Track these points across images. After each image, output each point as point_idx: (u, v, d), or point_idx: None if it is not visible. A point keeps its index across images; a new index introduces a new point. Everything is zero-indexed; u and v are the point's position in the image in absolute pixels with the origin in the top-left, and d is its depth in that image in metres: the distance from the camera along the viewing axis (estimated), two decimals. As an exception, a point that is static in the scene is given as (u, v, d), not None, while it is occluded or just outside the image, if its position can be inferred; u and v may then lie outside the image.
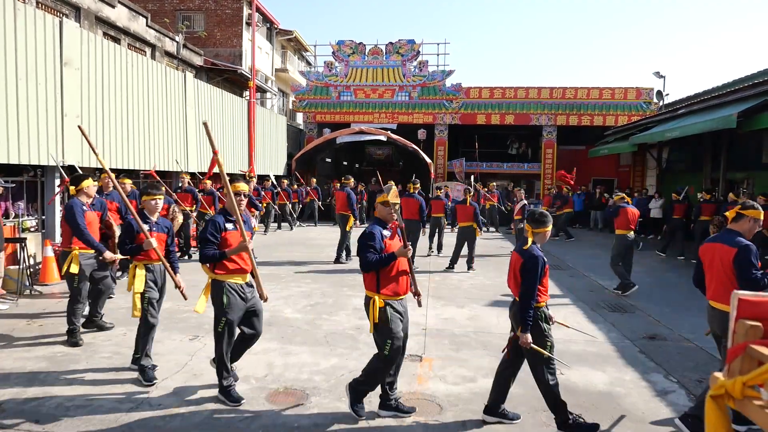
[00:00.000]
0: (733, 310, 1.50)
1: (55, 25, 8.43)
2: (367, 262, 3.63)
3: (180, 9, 22.46)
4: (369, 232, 3.74)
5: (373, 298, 3.68)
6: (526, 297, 3.54)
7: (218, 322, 3.93)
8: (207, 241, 3.89)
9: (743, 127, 10.24)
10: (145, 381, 4.21)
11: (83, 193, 5.29)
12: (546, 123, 21.07)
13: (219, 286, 3.93)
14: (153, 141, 11.24)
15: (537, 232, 3.73)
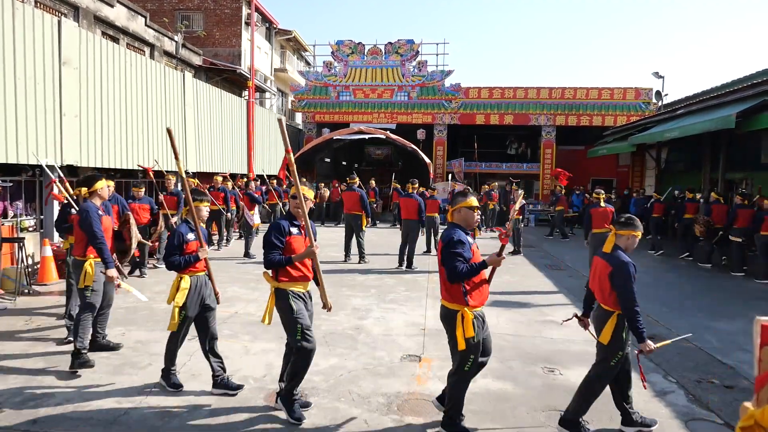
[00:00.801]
0: (756, 337, 1.48)
1: (54, 24, 8.41)
2: (459, 272, 3.28)
3: (179, 8, 22.43)
4: (457, 239, 3.38)
5: (462, 311, 3.36)
6: (629, 307, 3.47)
7: (294, 331, 3.67)
8: (272, 245, 3.67)
9: (742, 127, 10.24)
10: (172, 387, 4.13)
11: (97, 196, 4.78)
12: (545, 123, 21.08)
13: (284, 294, 3.72)
14: (152, 141, 11.23)
15: (621, 234, 3.61)
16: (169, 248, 4.04)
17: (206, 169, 13.65)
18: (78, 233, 4.71)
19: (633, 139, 15.73)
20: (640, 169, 21.02)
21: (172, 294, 4.06)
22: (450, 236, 3.41)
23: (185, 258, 4.03)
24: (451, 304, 3.44)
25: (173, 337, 4.17)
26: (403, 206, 10.01)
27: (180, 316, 4.04)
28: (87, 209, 4.63)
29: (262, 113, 18.94)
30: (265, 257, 3.68)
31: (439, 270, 3.48)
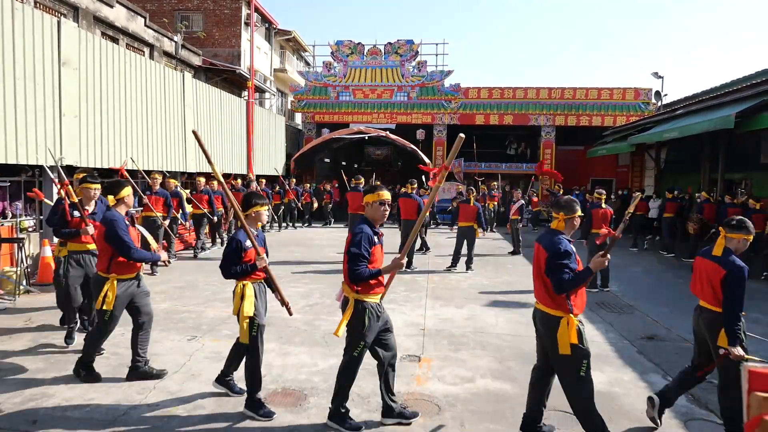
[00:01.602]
0: (744, 383, 1.49)
1: (53, 24, 8.41)
2: (567, 282, 3.17)
3: (178, 9, 22.44)
4: (564, 251, 3.25)
5: (568, 319, 3.27)
6: (734, 310, 3.38)
7: (355, 346, 3.55)
8: (362, 257, 3.41)
9: (741, 127, 10.26)
10: (264, 417, 3.72)
11: (123, 204, 4.38)
12: (544, 123, 21.09)
13: (361, 307, 3.50)
14: (151, 141, 11.22)
15: (731, 237, 3.53)
16: (227, 256, 3.78)
17: (206, 170, 13.64)
18: (102, 245, 4.25)
19: (632, 140, 15.74)
20: (639, 170, 21.03)
21: (236, 304, 3.80)
22: (560, 246, 3.26)
23: (242, 267, 3.79)
24: (556, 311, 3.34)
25: (254, 352, 3.82)
26: (403, 206, 10.03)
27: (254, 326, 3.80)
28: (114, 219, 4.18)
29: (262, 114, 18.93)
30: (355, 271, 3.38)
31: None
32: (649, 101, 20.64)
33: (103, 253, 4.24)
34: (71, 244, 5.16)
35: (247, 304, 3.76)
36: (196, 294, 7.28)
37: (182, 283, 8.05)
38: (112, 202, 4.37)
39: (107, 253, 4.20)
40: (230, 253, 3.78)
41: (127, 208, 4.42)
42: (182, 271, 9.05)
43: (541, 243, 3.39)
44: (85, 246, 5.15)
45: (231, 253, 3.77)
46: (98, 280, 4.25)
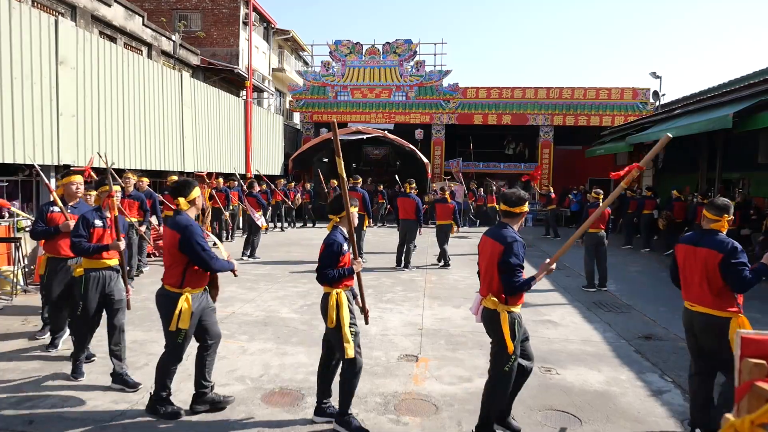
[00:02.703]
0: (737, 349, 1.51)
1: (51, 23, 8.40)
2: None
3: (177, 8, 22.41)
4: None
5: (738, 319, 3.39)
6: None
7: (507, 359, 3.42)
8: (521, 268, 3.38)
9: (739, 127, 10.26)
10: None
11: (194, 207, 3.81)
12: (543, 123, 21.11)
13: (511, 318, 3.43)
14: (149, 141, 11.21)
15: None
16: (327, 258, 3.55)
17: (204, 169, 13.63)
18: (173, 257, 3.63)
19: (630, 139, 15.75)
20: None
21: (332, 316, 3.50)
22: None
23: (339, 271, 3.55)
24: (720, 312, 3.36)
25: (351, 366, 3.53)
26: (401, 206, 10.03)
27: (354, 335, 3.53)
28: (189, 224, 3.58)
29: (260, 113, 18.92)
30: (515, 282, 3.34)
31: None
32: (647, 101, 20.67)
33: (176, 265, 3.62)
34: (88, 260, 4.22)
35: (345, 313, 3.51)
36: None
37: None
38: (184, 206, 3.70)
39: (180, 264, 3.61)
40: (331, 255, 3.54)
41: (197, 211, 3.85)
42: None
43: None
44: (105, 262, 4.27)
45: (332, 255, 3.54)
46: (168, 297, 3.62)
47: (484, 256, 3.56)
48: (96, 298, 4.22)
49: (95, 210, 4.34)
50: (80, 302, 4.18)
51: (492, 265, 3.42)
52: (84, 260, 4.22)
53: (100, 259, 4.22)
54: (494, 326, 3.41)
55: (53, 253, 4.90)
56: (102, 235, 4.25)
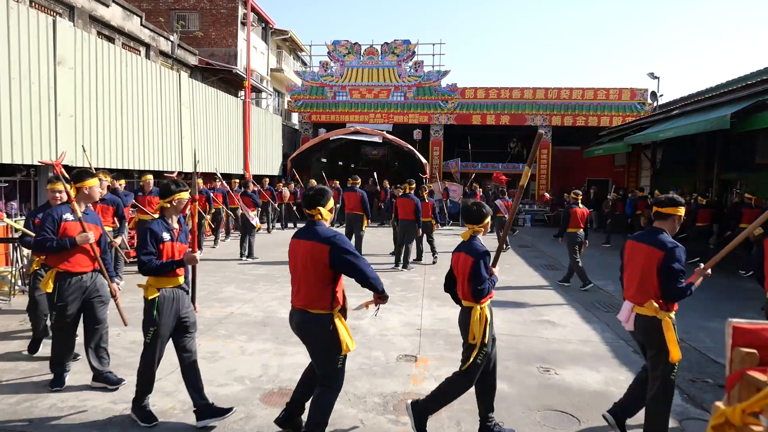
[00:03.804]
0: (728, 338, 1.51)
1: (49, 24, 8.39)
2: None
3: (175, 8, 22.39)
4: None
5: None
6: None
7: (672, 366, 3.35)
8: (683, 274, 3.30)
9: (737, 127, 10.30)
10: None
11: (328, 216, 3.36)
12: (541, 123, 21.14)
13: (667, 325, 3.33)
14: (147, 141, 11.20)
15: None
16: (479, 275, 3.43)
17: (203, 170, 13.62)
18: (319, 275, 3.13)
19: (628, 140, 15.79)
20: (635, 170, 21.11)
21: (475, 331, 3.38)
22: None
23: (489, 284, 3.46)
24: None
25: (468, 379, 3.43)
26: (400, 206, 10.03)
27: (483, 353, 3.42)
28: (337, 235, 3.18)
29: (259, 113, 18.91)
30: (682, 288, 3.26)
31: None
32: (645, 101, 20.72)
33: (322, 283, 3.14)
34: (158, 279, 3.59)
35: (489, 329, 3.44)
36: (193, 294, 7.26)
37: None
38: (327, 215, 3.30)
39: (329, 281, 3.16)
40: (484, 269, 3.42)
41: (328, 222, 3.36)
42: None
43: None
44: (178, 280, 3.70)
45: (485, 269, 3.43)
46: (322, 320, 3.15)
47: (635, 261, 3.49)
48: (171, 323, 3.62)
49: (161, 220, 3.68)
50: (151, 328, 3.56)
51: (649, 271, 3.35)
52: (152, 279, 3.59)
53: (174, 276, 3.64)
54: (654, 334, 3.31)
55: (65, 266, 4.06)
56: (171, 249, 3.65)
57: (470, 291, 3.44)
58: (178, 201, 3.67)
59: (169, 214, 3.69)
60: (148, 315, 3.56)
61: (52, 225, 3.95)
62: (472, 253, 3.43)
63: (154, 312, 3.53)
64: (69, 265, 4.05)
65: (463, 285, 3.50)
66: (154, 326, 3.55)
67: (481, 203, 3.63)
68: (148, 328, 3.57)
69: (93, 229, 4.13)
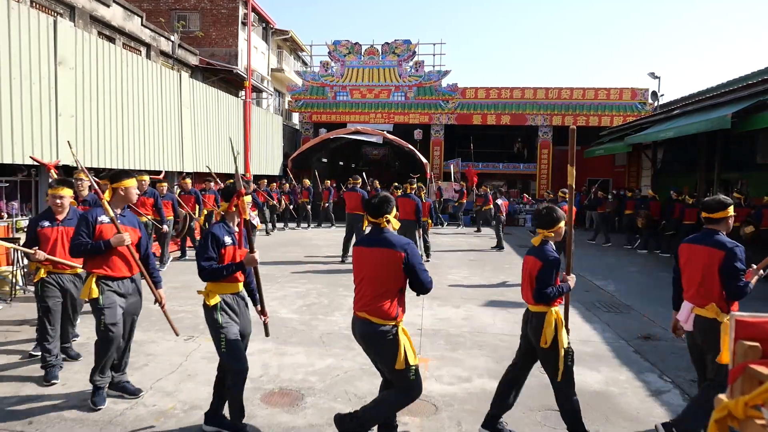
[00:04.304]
0: (731, 332, 1.52)
1: (50, 24, 8.39)
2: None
3: (175, 8, 22.41)
4: None
5: None
6: None
7: None
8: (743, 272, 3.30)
9: (737, 127, 10.29)
10: None
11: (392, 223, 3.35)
12: (541, 123, 21.15)
13: None
14: (148, 141, 11.20)
15: None
16: (546, 278, 3.41)
17: (203, 170, 13.63)
18: (392, 279, 3.09)
19: (629, 140, 15.78)
20: (636, 170, 21.10)
21: (547, 335, 3.36)
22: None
23: (558, 288, 3.43)
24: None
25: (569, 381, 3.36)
26: (401, 206, 10.04)
27: (570, 356, 3.36)
28: (411, 243, 3.21)
29: (259, 113, 18.92)
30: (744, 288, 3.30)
31: None
32: (645, 101, 20.71)
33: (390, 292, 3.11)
34: (217, 285, 3.45)
35: (565, 333, 3.40)
36: (193, 294, 7.25)
37: (178, 283, 8.04)
38: (395, 224, 3.32)
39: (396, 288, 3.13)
40: (552, 272, 3.39)
41: None
42: (178, 271, 9.04)
43: None
44: (238, 287, 3.57)
45: (553, 272, 3.40)
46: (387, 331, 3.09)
47: (694, 263, 3.50)
48: (236, 330, 3.43)
49: (222, 224, 3.55)
50: (222, 335, 3.35)
51: (710, 272, 3.37)
52: (212, 285, 3.45)
53: (234, 282, 3.50)
54: (713, 335, 3.30)
55: (104, 271, 3.81)
56: (234, 253, 3.49)
57: (533, 292, 3.41)
58: (242, 204, 3.47)
59: (231, 217, 3.57)
60: (213, 323, 3.38)
61: (86, 228, 3.78)
62: (542, 257, 3.41)
63: (218, 316, 3.37)
64: (108, 270, 3.81)
65: (527, 287, 3.49)
66: (222, 332, 3.34)
67: (553, 207, 3.60)
68: (219, 336, 3.35)
69: (130, 232, 3.90)
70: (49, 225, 4.39)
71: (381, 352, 3.11)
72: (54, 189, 4.44)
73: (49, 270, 4.38)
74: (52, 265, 4.36)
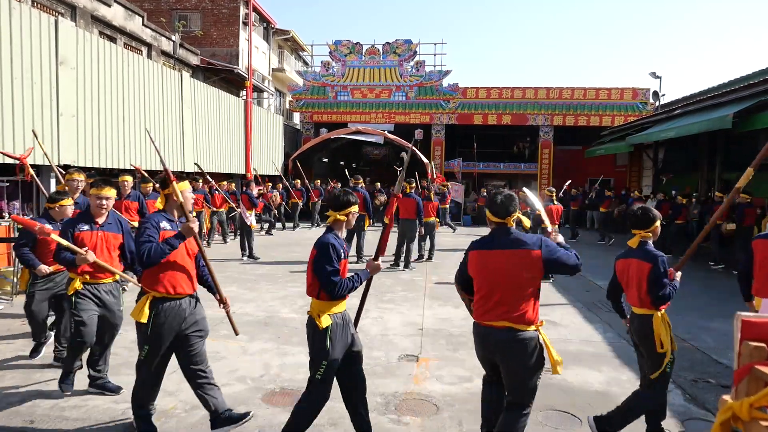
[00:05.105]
0: (737, 332, 1.51)
1: (51, 24, 8.40)
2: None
3: (176, 8, 22.42)
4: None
5: None
6: None
7: None
8: None
9: (739, 127, 10.28)
10: None
11: None
12: (543, 123, 21.12)
13: None
14: (149, 140, 11.20)
15: None
16: (663, 279, 3.35)
17: (204, 169, 13.63)
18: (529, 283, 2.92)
19: (630, 140, 15.77)
20: (637, 170, 21.07)
21: (662, 338, 3.32)
22: None
23: (672, 287, 3.38)
24: None
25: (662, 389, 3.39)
26: (402, 206, 10.04)
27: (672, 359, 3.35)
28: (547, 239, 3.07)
29: (260, 113, 18.92)
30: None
31: None
32: (647, 101, 20.68)
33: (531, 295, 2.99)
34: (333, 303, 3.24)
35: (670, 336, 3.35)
36: (194, 294, 7.27)
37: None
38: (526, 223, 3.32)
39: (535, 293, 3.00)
40: (663, 274, 3.31)
41: None
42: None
43: None
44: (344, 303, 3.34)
45: (664, 274, 3.31)
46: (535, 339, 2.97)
47: None
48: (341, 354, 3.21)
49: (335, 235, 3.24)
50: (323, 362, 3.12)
51: None
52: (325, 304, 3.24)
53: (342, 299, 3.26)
54: None
55: (167, 290, 3.26)
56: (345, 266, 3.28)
57: (652, 297, 3.32)
58: (352, 215, 3.18)
59: (340, 227, 3.23)
60: (320, 346, 3.08)
61: (155, 233, 3.18)
62: (649, 258, 3.33)
63: (327, 343, 3.06)
64: (167, 288, 3.24)
65: (639, 292, 3.38)
66: (325, 359, 3.05)
67: (648, 207, 3.51)
68: (320, 361, 3.07)
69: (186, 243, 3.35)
70: (88, 229, 3.86)
71: (520, 362, 2.90)
72: (98, 189, 3.87)
73: (86, 280, 3.84)
74: (90, 274, 3.83)
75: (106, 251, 3.90)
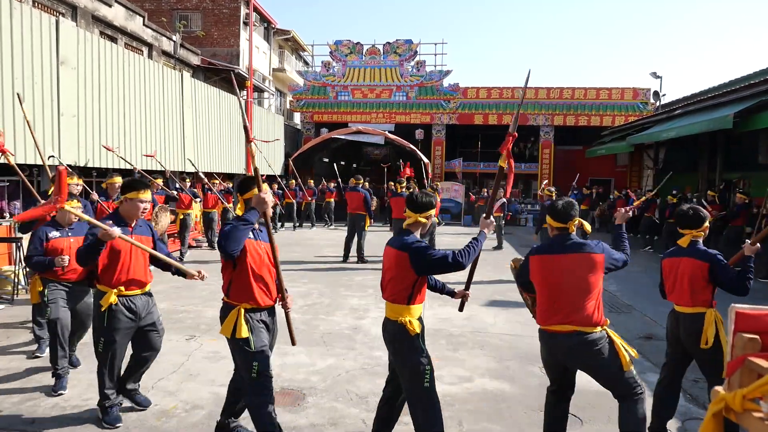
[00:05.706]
0: (730, 324, 1.51)
1: (52, 24, 8.41)
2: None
3: (177, 8, 22.43)
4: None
5: None
6: None
7: None
8: None
9: (739, 127, 10.28)
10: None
11: None
12: (543, 123, 21.12)
13: None
14: (150, 141, 11.21)
15: None
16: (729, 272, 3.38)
17: (205, 169, 13.64)
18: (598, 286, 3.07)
19: (631, 140, 15.77)
20: (638, 170, 21.07)
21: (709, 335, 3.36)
22: None
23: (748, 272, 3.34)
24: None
25: None
26: (394, 205, 10.06)
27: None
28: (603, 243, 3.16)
29: (261, 113, 18.92)
30: None
31: None
32: (647, 101, 20.68)
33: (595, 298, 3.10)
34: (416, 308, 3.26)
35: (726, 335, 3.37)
36: (194, 294, 7.27)
37: (180, 283, 8.04)
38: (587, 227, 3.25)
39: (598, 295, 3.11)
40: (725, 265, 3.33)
41: None
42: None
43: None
44: None
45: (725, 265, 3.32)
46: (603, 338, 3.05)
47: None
48: None
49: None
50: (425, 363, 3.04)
51: None
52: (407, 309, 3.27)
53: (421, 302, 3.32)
54: None
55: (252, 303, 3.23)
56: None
57: (736, 289, 3.31)
58: (429, 217, 3.11)
59: (418, 228, 3.12)
60: (416, 353, 3.02)
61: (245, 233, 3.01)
62: (707, 257, 3.35)
63: (423, 347, 3.07)
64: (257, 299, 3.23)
65: (691, 290, 3.40)
66: (429, 364, 3.00)
67: (698, 207, 3.49)
68: (423, 369, 2.97)
69: None
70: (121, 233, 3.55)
71: (596, 361, 2.94)
72: (137, 192, 3.57)
73: (121, 293, 3.52)
74: (125, 285, 3.55)
75: (140, 254, 3.67)
